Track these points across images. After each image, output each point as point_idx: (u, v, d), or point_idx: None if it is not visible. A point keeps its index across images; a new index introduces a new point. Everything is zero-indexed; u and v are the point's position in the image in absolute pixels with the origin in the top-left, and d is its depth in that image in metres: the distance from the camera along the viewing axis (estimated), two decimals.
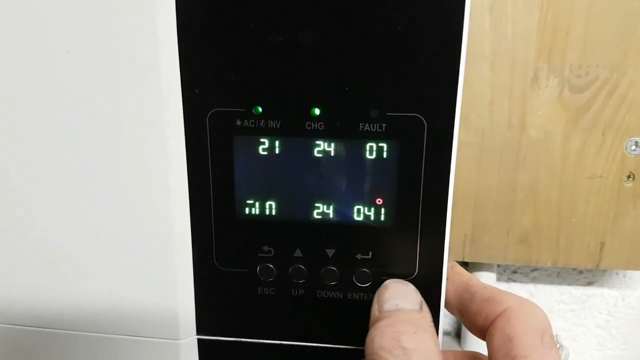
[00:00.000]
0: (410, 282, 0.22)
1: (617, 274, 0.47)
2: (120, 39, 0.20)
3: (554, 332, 0.20)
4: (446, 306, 0.22)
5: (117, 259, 0.23)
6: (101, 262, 0.23)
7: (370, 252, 0.22)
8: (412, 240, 0.22)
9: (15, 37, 0.21)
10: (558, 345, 0.20)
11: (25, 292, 0.24)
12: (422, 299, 0.21)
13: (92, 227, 0.23)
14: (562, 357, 0.20)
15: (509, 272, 0.47)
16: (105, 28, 0.20)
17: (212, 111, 0.21)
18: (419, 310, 0.20)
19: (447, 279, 0.22)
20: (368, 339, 0.19)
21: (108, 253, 0.23)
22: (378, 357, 0.18)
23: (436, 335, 0.20)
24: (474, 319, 0.21)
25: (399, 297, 0.21)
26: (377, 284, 0.22)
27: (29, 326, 0.25)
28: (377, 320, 0.20)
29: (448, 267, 0.22)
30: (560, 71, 0.33)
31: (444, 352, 0.22)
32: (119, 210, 0.22)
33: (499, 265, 0.45)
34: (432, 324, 0.20)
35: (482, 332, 0.21)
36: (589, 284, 0.47)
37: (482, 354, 0.22)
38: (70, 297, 0.24)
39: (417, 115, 0.20)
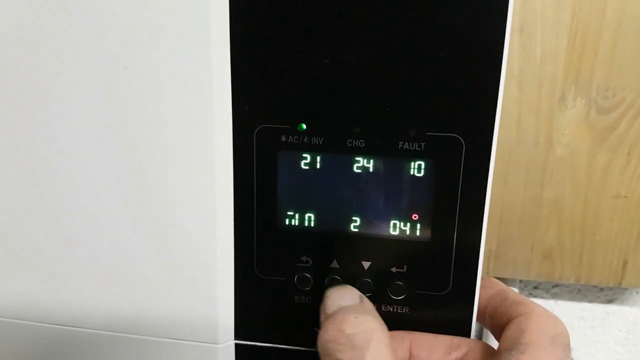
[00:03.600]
0: (444, 296, 0.23)
1: (637, 292, 0.47)
2: (177, 60, 0.21)
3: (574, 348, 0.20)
4: (479, 316, 0.23)
5: (162, 265, 0.24)
6: (146, 267, 0.24)
7: (405, 266, 0.23)
8: (447, 255, 0.22)
9: (79, 53, 0.22)
10: (570, 356, 0.20)
11: (71, 294, 0.25)
12: (362, 295, 0.22)
13: (139, 233, 0.24)
14: None
15: (530, 288, 0.47)
16: (163, 50, 0.21)
17: (259, 127, 0.22)
18: (360, 303, 0.21)
19: (485, 287, 0.23)
20: (317, 340, 0.20)
21: (153, 259, 0.24)
22: (326, 350, 0.19)
23: (379, 317, 0.21)
24: (499, 319, 0.22)
25: (339, 299, 0.21)
26: (412, 297, 0.23)
27: (74, 327, 0.26)
28: (323, 323, 0.21)
29: (483, 279, 0.23)
30: (588, 92, 0.33)
31: (443, 337, 0.23)
32: (165, 218, 0.23)
33: (520, 281, 0.45)
34: (373, 309, 0.21)
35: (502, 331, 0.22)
36: (609, 301, 0.47)
37: (487, 343, 0.23)
38: (114, 300, 0.25)
39: (455, 135, 0.21)
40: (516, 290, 0.44)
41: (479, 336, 0.47)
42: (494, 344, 0.23)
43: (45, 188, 0.24)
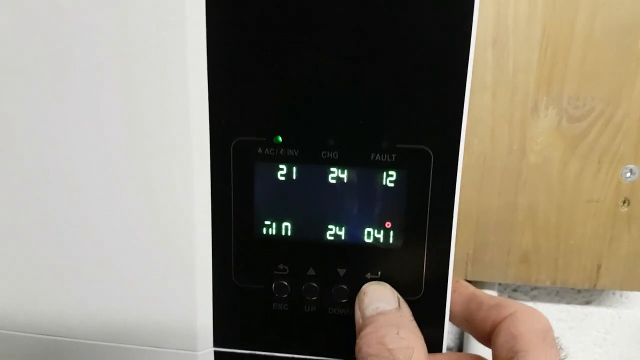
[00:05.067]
0: (416, 301, 0.23)
1: (614, 293, 0.48)
2: (155, 75, 0.22)
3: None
4: (453, 318, 0.24)
5: (141, 273, 0.24)
6: (125, 276, 0.25)
7: (379, 272, 0.24)
8: (419, 261, 0.23)
9: (59, 64, 0.22)
10: (559, 347, 0.21)
11: (50, 302, 0.25)
12: (399, 296, 0.23)
13: (119, 242, 0.24)
14: (562, 357, 0.21)
15: (509, 290, 0.48)
16: (141, 64, 0.22)
17: (236, 140, 0.23)
18: (398, 309, 0.22)
19: (454, 291, 0.24)
20: (357, 348, 0.21)
21: (132, 267, 0.24)
22: None
23: (417, 328, 0.22)
24: (481, 325, 0.22)
25: (377, 300, 0.22)
26: None
27: (52, 336, 0.26)
28: (362, 328, 0.22)
29: (453, 282, 0.24)
30: (559, 102, 0.35)
31: (446, 355, 0.24)
32: (144, 227, 0.24)
33: (499, 284, 0.46)
34: (411, 319, 0.22)
35: (489, 337, 0.22)
36: (587, 302, 0.49)
37: (483, 357, 0.24)
38: (93, 309, 0.25)
39: (424, 147, 0.22)
40: (495, 293, 0.45)
41: (460, 339, 0.48)
42: (477, 346, 0.23)
43: (21, 198, 0.24)
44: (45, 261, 0.25)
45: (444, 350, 0.24)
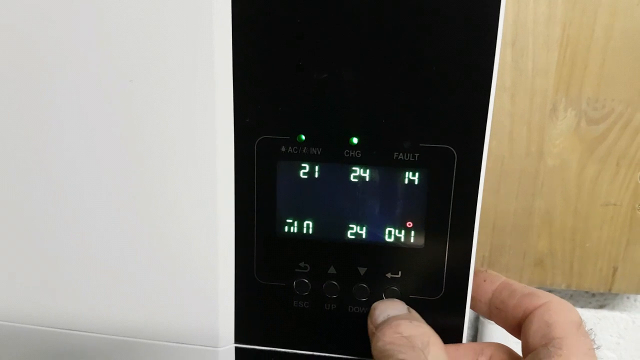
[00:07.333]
0: (437, 301, 0.23)
1: (628, 297, 0.48)
2: (182, 74, 0.22)
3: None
4: (482, 306, 0.24)
5: (165, 270, 0.25)
6: (149, 272, 0.25)
7: (400, 272, 0.24)
8: (440, 261, 0.23)
9: (85, 68, 0.23)
10: (592, 338, 0.21)
11: (73, 297, 0.26)
12: (409, 307, 0.23)
13: (143, 239, 0.24)
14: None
15: None
16: (168, 64, 0.22)
17: (260, 138, 0.23)
18: (408, 312, 0.23)
19: (485, 280, 0.24)
20: (373, 344, 0.22)
21: (156, 265, 0.25)
22: (386, 351, 0.20)
23: (427, 324, 0.22)
24: (513, 312, 0.23)
25: (387, 310, 0.23)
26: (406, 301, 0.24)
27: (75, 330, 0.26)
28: (375, 332, 0.22)
29: (482, 272, 0.24)
30: (578, 104, 0.35)
31: (469, 344, 0.24)
32: (168, 224, 0.24)
33: None
34: (421, 318, 0.23)
35: (518, 325, 0.22)
36: (601, 307, 0.48)
37: (505, 345, 0.24)
38: (116, 304, 0.25)
39: (448, 146, 0.22)
40: None
41: (474, 339, 0.48)
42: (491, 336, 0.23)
43: (49, 192, 0.25)
44: (72, 257, 0.25)
45: None
